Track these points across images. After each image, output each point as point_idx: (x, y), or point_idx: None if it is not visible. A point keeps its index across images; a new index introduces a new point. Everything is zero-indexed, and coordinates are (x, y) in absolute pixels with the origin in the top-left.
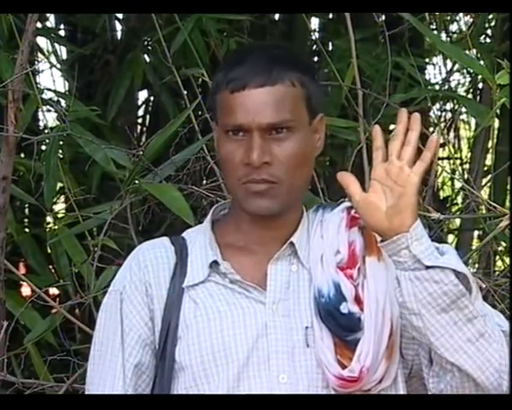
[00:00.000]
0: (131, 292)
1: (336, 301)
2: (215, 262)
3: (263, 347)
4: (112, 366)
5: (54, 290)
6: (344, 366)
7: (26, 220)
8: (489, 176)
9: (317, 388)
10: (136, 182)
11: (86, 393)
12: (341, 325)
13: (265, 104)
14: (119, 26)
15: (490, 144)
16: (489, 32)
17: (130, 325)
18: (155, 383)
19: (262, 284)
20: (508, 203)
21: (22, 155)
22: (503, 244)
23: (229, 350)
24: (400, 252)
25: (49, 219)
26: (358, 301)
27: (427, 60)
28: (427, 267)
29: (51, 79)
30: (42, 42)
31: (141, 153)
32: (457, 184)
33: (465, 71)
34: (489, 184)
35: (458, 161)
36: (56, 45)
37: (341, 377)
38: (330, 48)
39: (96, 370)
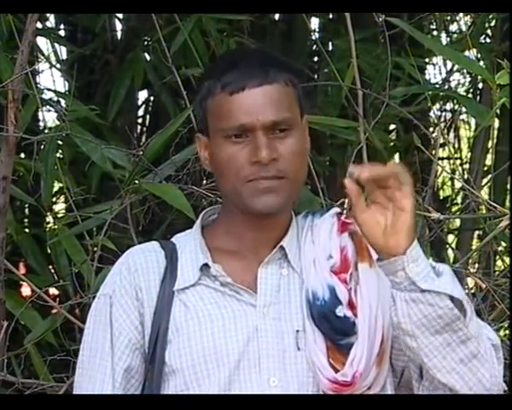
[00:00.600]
0: (121, 296)
1: (332, 305)
2: (205, 265)
3: (253, 350)
4: (101, 371)
5: (54, 290)
6: (336, 370)
7: (25, 220)
8: (489, 176)
9: (307, 391)
10: (136, 182)
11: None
12: (335, 329)
13: (266, 103)
14: (119, 26)
15: (490, 144)
16: (489, 32)
17: (120, 329)
18: (145, 386)
19: (252, 286)
20: (508, 203)
21: (22, 155)
22: (503, 244)
23: (220, 353)
24: (397, 273)
25: (48, 219)
26: (352, 306)
27: (427, 60)
28: (423, 290)
29: (51, 79)
30: (42, 42)
31: (141, 153)
32: (457, 184)
33: (465, 71)
34: (489, 184)
35: (458, 161)
36: (56, 45)
37: (335, 381)
38: (330, 48)
39: (85, 375)
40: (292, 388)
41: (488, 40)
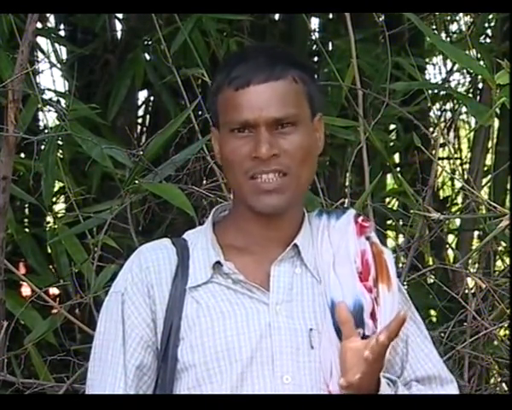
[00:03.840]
0: (133, 293)
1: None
2: (218, 263)
3: (266, 347)
4: (113, 368)
5: (54, 290)
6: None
7: (26, 220)
8: (489, 176)
9: (320, 390)
10: (136, 182)
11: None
12: None
13: (271, 99)
14: (119, 26)
15: (490, 144)
16: (489, 32)
17: (132, 327)
18: (157, 384)
19: (264, 284)
20: (508, 203)
21: (22, 155)
22: (503, 244)
23: (233, 350)
24: None
25: (49, 218)
26: (373, 317)
27: (427, 60)
28: None
29: (51, 79)
30: (42, 42)
31: (141, 153)
32: (457, 184)
33: (465, 71)
34: (489, 184)
35: (458, 161)
36: (56, 45)
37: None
38: (330, 48)
39: (97, 372)
40: (304, 386)
41: (488, 40)
